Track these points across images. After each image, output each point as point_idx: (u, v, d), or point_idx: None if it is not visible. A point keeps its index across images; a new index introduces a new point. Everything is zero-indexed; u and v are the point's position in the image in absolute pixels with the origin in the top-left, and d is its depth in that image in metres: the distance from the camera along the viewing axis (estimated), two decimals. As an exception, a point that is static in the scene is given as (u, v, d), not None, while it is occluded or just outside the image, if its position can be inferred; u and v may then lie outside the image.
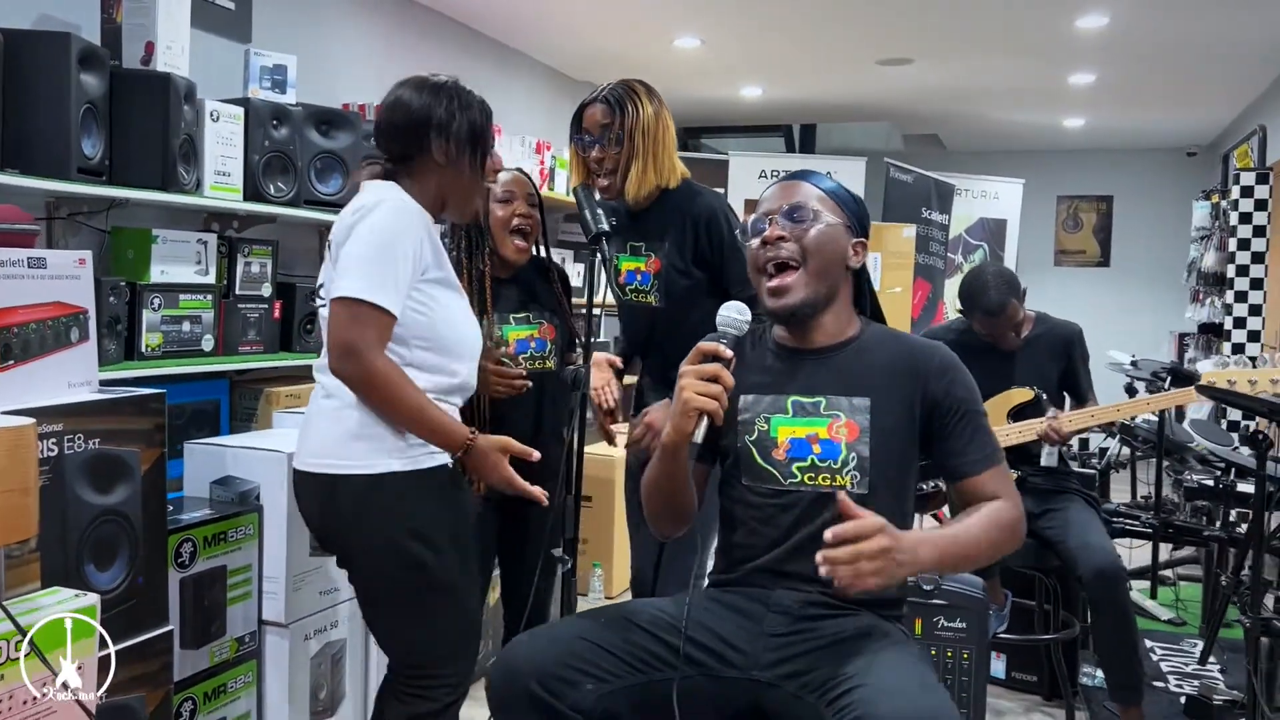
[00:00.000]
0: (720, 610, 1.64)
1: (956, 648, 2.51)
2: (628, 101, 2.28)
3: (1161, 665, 3.64)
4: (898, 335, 1.74)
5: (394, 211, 1.86)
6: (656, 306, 2.37)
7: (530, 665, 1.50)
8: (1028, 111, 7.42)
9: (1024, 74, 6.13)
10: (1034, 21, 4.96)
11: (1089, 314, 8.60)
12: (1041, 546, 3.00)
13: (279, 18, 3.86)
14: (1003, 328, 3.04)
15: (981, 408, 1.69)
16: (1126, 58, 5.61)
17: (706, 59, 5.89)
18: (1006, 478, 1.66)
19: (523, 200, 2.41)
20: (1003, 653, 3.44)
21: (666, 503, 1.66)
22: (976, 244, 8.10)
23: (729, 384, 1.52)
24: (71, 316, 2.02)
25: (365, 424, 1.88)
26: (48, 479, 1.88)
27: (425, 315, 1.91)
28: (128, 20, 2.87)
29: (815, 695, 1.48)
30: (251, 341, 3.25)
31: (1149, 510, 3.62)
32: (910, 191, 7.19)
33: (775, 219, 1.66)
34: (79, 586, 1.87)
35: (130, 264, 2.91)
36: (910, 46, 5.56)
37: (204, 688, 2.34)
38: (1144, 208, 9.01)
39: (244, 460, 2.51)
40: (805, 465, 1.64)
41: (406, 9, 4.73)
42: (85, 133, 2.62)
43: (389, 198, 1.89)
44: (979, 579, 2.60)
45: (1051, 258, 9.37)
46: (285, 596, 2.47)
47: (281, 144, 3.27)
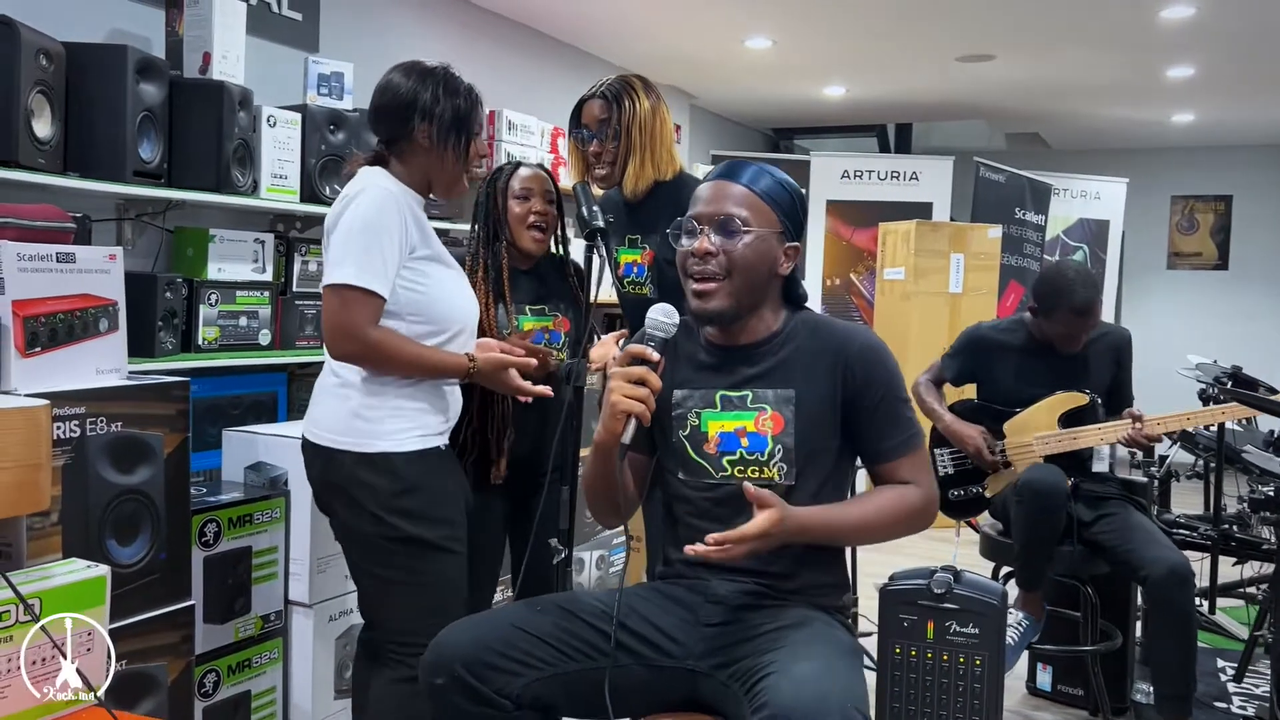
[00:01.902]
0: (660, 600, 1.67)
1: (969, 653, 2.44)
2: (625, 97, 2.32)
3: (1229, 686, 3.46)
4: (821, 324, 1.74)
5: (376, 198, 1.96)
6: (653, 298, 2.40)
7: (458, 650, 1.55)
8: (1129, 107, 7.12)
9: (1115, 68, 5.89)
10: (1115, 14, 4.77)
11: (1205, 320, 8.33)
12: (1091, 554, 2.90)
13: (345, 26, 4.03)
14: (1084, 329, 2.94)
15: (903, 394, 1.69)
16: (1223, 48, 5.33)
17: (779, 59, 5.85)
18: (923, 463, 1.68)
19: (540, 198, 2.47)
20: (1049, 665, 3.33)
21: (602, 498, 1.72)
22: (1076, 245, 7.81)
23: (656, 386, 1.56)
24: (101, 308, 2.17)
25: (367, 405, 2.01)
26: (70, 458, 2.03)
27: (417, 291, 2.01)
28: (188, 32, 3.06)
29: (738, 684, 1.50)
30: (309, 336, 3.40)
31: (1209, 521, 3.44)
32: (1002, 191, 7.00)
33: (708, 231, 1.67)
34: (100, 560, 2.01)
35: (189, 261, 3.09)
36: (988, 43, 5.41)
37: (228, 661, 2.48)
38: (1266, 208, 8.53)
39: (275, 447, 2.64)
40: (734, 459, 1.66)
41: (471, 13, 4.85)
42: (143, 138, 2.80)
43: (371, 184, 1.99)
44: (996, 586, 2.53)
45: (1164, 260, 8.94)
46: (310, 578, 2.59)
47: (338, 148, 3.42)
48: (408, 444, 2.02)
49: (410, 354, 1.98)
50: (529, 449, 2.47)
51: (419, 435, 2.04)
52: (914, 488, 1.66)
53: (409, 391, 2.04)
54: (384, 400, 2.01)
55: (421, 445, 2.04)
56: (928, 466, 1.71)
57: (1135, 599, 3.26)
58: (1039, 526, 2.84)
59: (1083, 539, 2.90)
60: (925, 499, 1.67)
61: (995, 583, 2.58)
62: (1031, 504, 2.82)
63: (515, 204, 2.43)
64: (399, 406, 2.02)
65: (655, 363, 1.57)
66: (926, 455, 1.73)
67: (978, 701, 2.46)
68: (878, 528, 1.63)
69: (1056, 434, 2.97)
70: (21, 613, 1.76)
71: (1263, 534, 3.53)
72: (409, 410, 2.04)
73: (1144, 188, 8.19)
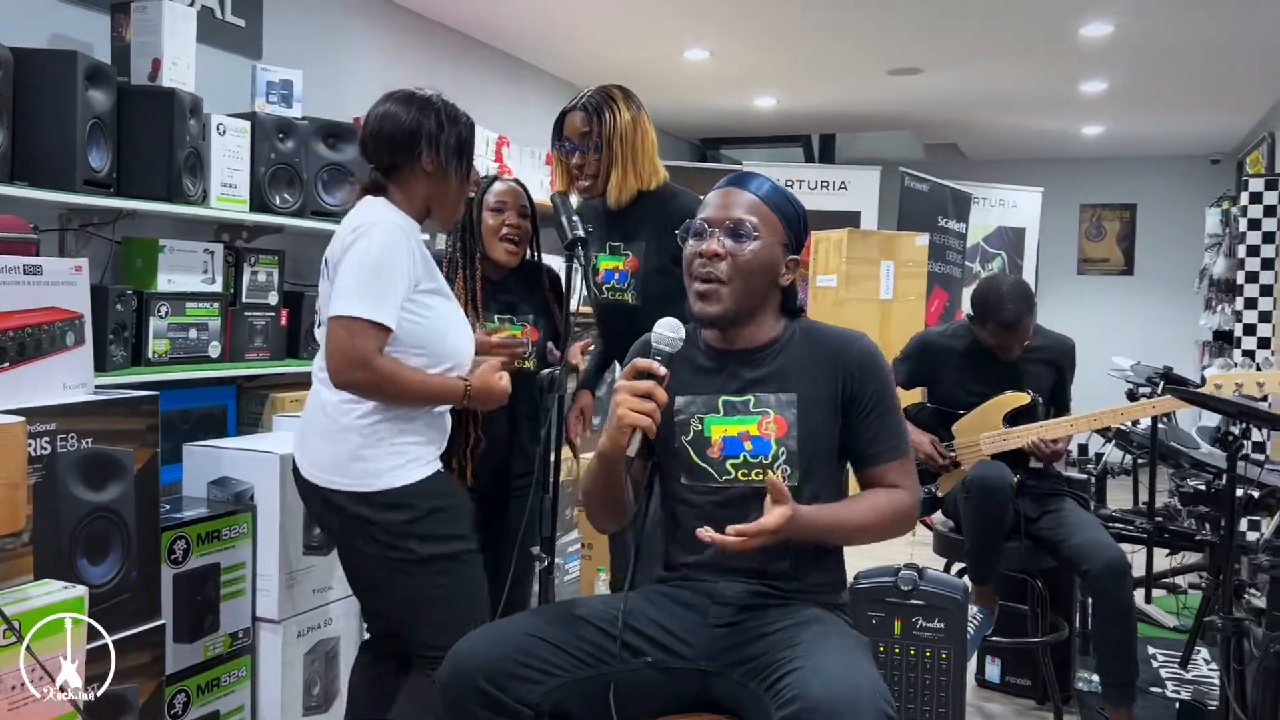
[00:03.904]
0: (666, 604, 1.70)
1: (935, 648, 2.52)
2: (605, 109, 2.35)
3: (1160, 672, 3.63)
4: (819, 329, 1.80)
5: (387, 232, 1.98)
6: (634, 305, 2.43)
7: (478, 661, 1.56)
8: (1044, 119, 7.40)
9: (1034, 82, 6.13)
10: (1038, 31, 4.97)
11: (1112, 323, 8.68)
12: (1037, 549, 3.02)
13: (289, 33, 3.97)
14: (1013, 340, 3.07)
15: (894, 400, 1.75)
16: (1136, 65, 5.59)
17: (716, 70, 5.95)
18: (910, 468, 1.74)
19: (514, 211, 2.51)
20: (997, 657, 3.45)
21: (603, 505, 1.75)
22: (995, 252, 8.08)
23: (662, 400, 1.59)
24: (67, 321, 2.11)
25: (364, 447, 2.03)
26: (41, 476, 1.97)
27: (420, 325, 2.04)
28: (136, 38, 2.98)
29: (756, 681, 1.54)
30: (258, 348, 3.34)
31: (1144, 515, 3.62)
32: (926, 200, 7.21)
33: (717, 234, 1.71)
34: (71, 580, 1.96)
35: (138, 273, 3.01)
36: (918, 56, 5.58)
37: (197, 681, 2.42)
38: (1168, 216, 8.94)
39: (240, 462, 2.59)
40: (738, 462, 1.70)
41: (417, 23, 4.83)
42: (92, 146, 2.72)
43: (383, 219, 2.01)
44: (959, 582, 2.63)
45: (1074, 266, 9.31)
46: (279, 594, 2.55)
47: (287, 156, 3.37)
48: (408, 477, 2.05)
49: (414, 382, 2.01)
50: (498, 455, 2.48)
51: (417, 466, 2.07)
52: (902, 491, 1.72)
53: (405, 427, 2.06)
54: (381, 438, 2.03)
55: (421, 475, 2.07)
56: (914, 471, 1.77)
57: (1076, 592, 3.40)
58: (987, 519, 2.95)
59: (1029, 534, 3.02)
60: (913, 502, 1.73)
61: (957, 579, 2.68)
62: (980, 498, 2.93)
63: (490, 216, 2.46)
64: (396, 444, 2.05)
65: (661, 377, 1.60)
66: (913, 461, 1.79)
67: (944, 694, 2.55)
68: (874, 528, 1.68)
69: (1002, 433, 3.09)
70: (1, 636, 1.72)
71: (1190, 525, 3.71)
72: (405, 445, 2.06)
73: (1055, 196, 8.51)
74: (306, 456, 2.11)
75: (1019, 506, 2.99)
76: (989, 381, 3.14)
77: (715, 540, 1.53)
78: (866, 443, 1.72)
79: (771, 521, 1.53)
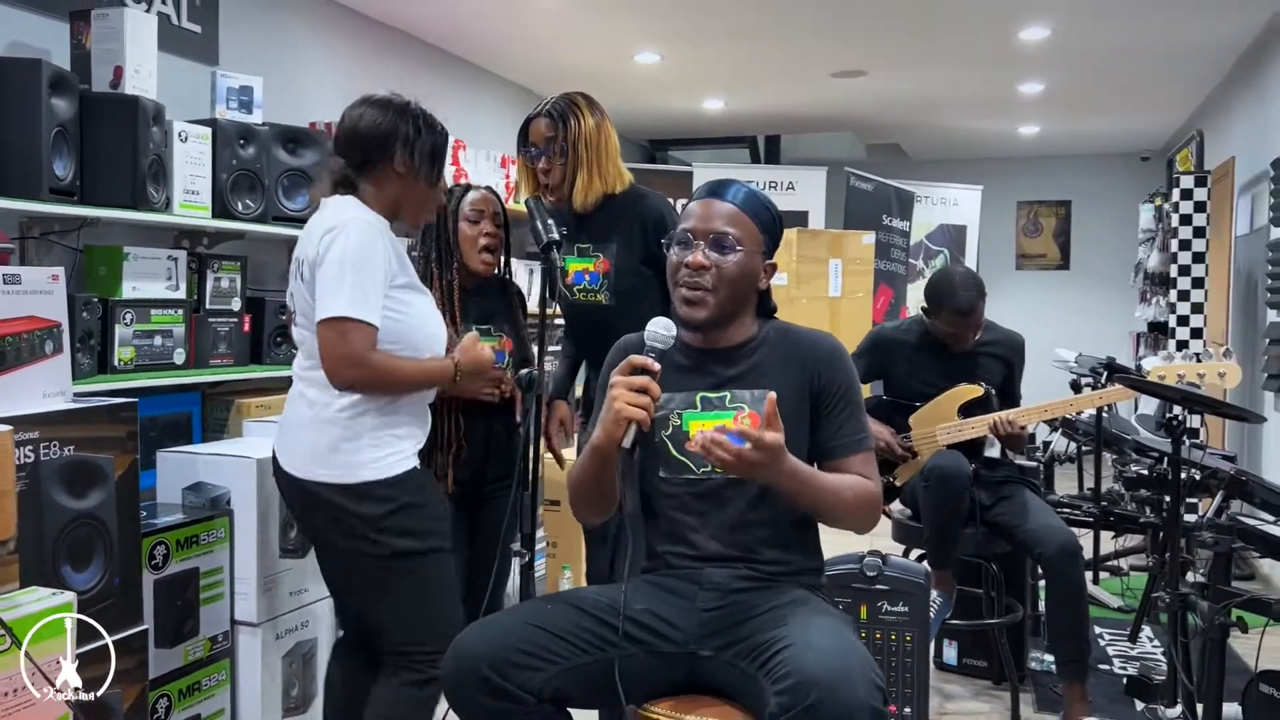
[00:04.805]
0: (655, 592, 1.77)
1: (900, 631, 2.63)
2: (570, 115, 2.41)
3: (1108, 650, 3.79)
4: (791, 330, 1.88)
5: (362, 231, 2.02)
6: (607, 304, 2.50)
7: (481, 650, 1.61)
8: (983, 120, 7.62)
9: (974, 84, 6.31)
10: (978, 34, 5.13)
11: (1051, 316, 8.94)
12: (992, 534, 3.14)
13: (246, 39, 3.97)
14: (968, 328, 3.18)
15: (859, 397, 1.84)
16: (1071, 67, 5.79)
17: (666, 73, 6.03)
18: (872, 463, 1.82)
19: (489, 220, 2.55)
20: (955, 640, 3.58)
21: (590, 497, 1.81)
22: (938, 250, 8.28)
23: (656, 395, 1.66)
24: (46, 330, 2.12)
25: (345, 439, 2.06)
26: (25, 484, 1.97)
27: (396, 319, 2.07)
28: (96, 45, 2.97)
29: (747, 661, 1.62)
30: (222, 355, 3.35)
31: (1091, 500, 3.78)
32: (871, 199, 7.37)
33: (702, 246, 1.78)
34: (56, 587, 1.96)
35: (103, 280, 3.00)
36: (862, 59, 5.73)
37: (178, 685, 2.44)
38: (1101, 212, 9.23)
39: (215, 467, 2.61)
40: None
41: (373, 29, 4.85)
42: (56, 154, 2.72)
43: (354, 217, 2.04)
44: (921, 567, 2.74)
45: (1013, 262, 9.57)
46: (256, 597, 2.57)
47: (249, 162, 3.38)
48: (388, 470, 2.08)
49: (410, 371, 2.07)
50: (475, 460, 2.53)
51: (397, 459, 2.10)
52: (872, 483, 1.79)
53: (386, 420, 2.09)
54: (362, 431, 2.07)
55: (401, 469, 2.10)
56: (875, 466, 1.84)
57: (1027, 576, 3.54)
58: (946, 507, 3.07)
59: (984, 521, 3.15)
60: (878, 492, 1.81)
61: (918, 564, 2.79)
62: (939, 486, 3.04)
63: (466, 226, 2.50)
64: (377, 436, 2.08)
65: (655, 373, 1.67)
66: (874, 456, 1.87)
67: (909, 675, 2.66)
68: (845, 502, 1.73)
69: (957, 424, 3.21)
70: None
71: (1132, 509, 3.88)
72: (386, 437, 2.09)
73: (994, 194, 8.74)
74: (287, 449, 2.13)
75: (974, 494, 3.11)
76: (942, 372, 3.25)
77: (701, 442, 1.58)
78: (832, 435, 1.80)
79: (769, 435, 1.58)
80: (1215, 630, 2.30)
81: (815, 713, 1.41)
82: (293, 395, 2.17)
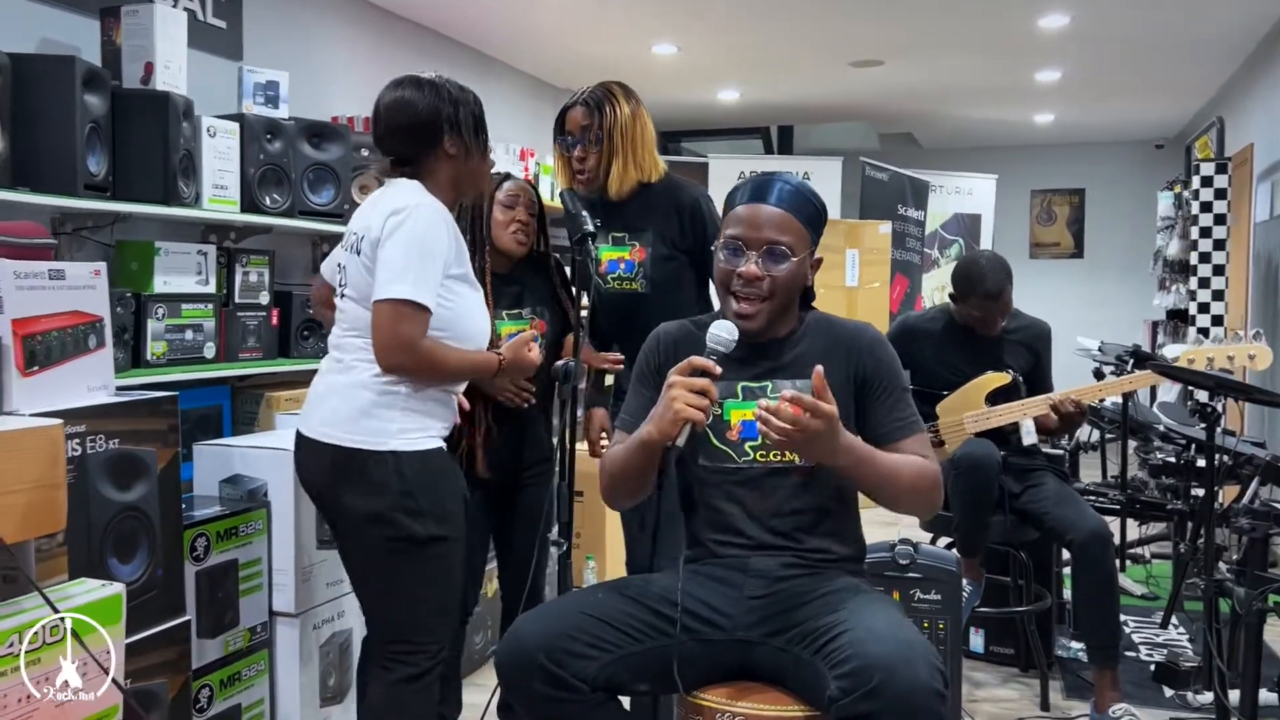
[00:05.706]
0: (702, 580, 1.79)
1: (932, 618, 2.64)
2: (605, 103, 2.43)
3: (1134, 637, 3.80)
4: (833, 321, 1.89)
5: (431, 216, 2.01)
6: (642, 293, 2.51)
7: (537, 639, 1.63)
8: (998, 109, 7.60)
9: (991, 73, 6.30)
10: (997, 23, 5.12)
11: (1064, 304, 8.92)
12: (1021, 522, 3.15)
13: (269, 35, 3.98)
14: (997, 312, 3.18)
15: (905, 382, 1.85)
16: (1089, 55, 5.78)
17: (683, 64, 6.03)
18: (928, 444, 1.82)
19: (524, 208, 2.55)
20: (981, 628, 3.59)
21: (630, 486, 1.81)
22: (952, 239, 8.27)
23: (714, 397, 1.67)
24: (89, 324, 2.14)
25: (377, 405, 2.02)
26: (73, 477, 2.00)
27: (447, 309, 2.05)
28: (127, 41, 2.99)
29: (801, 647, 1.63)
30: (251, 348, 3.37)
31: (1117, 488, 3.78)
32: (886, 189, 7.36)
33: (754, 257, 1.77)
34: (103, 578, 1.99)
35: (135, 276, 3.02)
36: (880, 49, 5.72)
37: (219, 675, 2.46)
38: (1115, 200, 9.21)
39: (251, 459, 2.63)
40: (756, 444, 1.79)
41: (392, 23, 4.86)
42: (90, 151, 2.74)
43: (422, 201, 2.03)
44: (952, 555, 2.75)
45: (1027, 250, 9.55)
46: (294, 588, 2.59)
47: (275, 157, 3.39)
48: (414, 444, 2.04)
49: (455, 360, 2.06)
50: (512, 445, 2.54)
51: (425, 436, 2.07)
52: (929, 461, 1.78)
53: (419, 394, 2.07)
54: (395, 400, 2.03)
55: (427, 445, 2.07)
56: (931, 447, 1.84)
57: (1054, 564, 3.55)
58: (976, 495, 3.07)
59: (1013, 509, 3.15)
60: (938, 471, 1.78)
61: (949, 552, 2.80)
62: (969, 474, 3.05)
63: (500, 210, 2.50)
64: (409, 408, 2.05)
65: (716, 375, 1.67)
66: (929, 440, 1.87)
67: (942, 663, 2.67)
68: (903, 480, 1.72)
69: (984, 411, 3.21)
70: (49, 634, 1.75)
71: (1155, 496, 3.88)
72: (417, 412, 2.06)
73: (1007, 183, 8.72)
74: (317, 415, 2.08)
75: (1002, 482, 3.12)
76: (969, 359, 3.25)
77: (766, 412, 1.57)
78: (884, 420, 1.80)
79: (825, 405, 1.57)
80: (1253, 616, 2.30)
81: (878, 695, 1.42)
82: (325, 365, 2.14)
